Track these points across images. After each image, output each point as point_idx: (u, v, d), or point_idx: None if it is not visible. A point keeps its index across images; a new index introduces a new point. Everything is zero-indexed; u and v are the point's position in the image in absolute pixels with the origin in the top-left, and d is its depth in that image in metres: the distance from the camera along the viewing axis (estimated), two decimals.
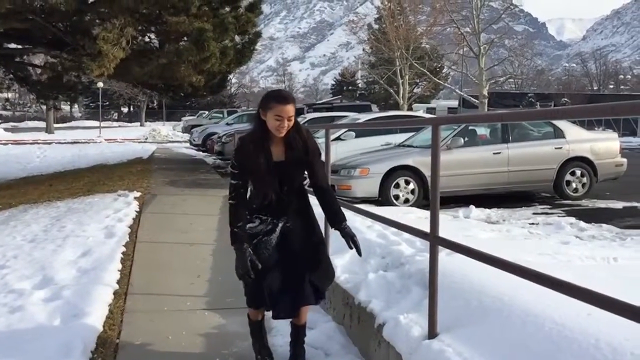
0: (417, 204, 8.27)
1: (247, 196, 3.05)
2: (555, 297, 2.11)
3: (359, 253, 3.07)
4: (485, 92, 29.86)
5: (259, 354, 3.28)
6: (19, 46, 13.76)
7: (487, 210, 8.00)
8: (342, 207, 3.24)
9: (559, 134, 9.16)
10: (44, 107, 40.32)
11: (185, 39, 11.20)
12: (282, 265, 3.01)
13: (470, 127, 9.13)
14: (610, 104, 1.57)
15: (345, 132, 10.69)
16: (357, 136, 10.73)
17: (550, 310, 2.53)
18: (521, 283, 2.26)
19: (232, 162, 3.01)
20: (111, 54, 9.30)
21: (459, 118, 3.83)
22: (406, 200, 8.50)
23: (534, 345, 2.36)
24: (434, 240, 2.77)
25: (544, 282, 2.08)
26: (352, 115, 13.55)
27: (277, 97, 2.90)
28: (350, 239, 3.06)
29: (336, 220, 3.11)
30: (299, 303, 3.06)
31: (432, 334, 2.74)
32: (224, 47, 11.24)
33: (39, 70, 17.70)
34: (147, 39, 12.47)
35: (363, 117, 11.79)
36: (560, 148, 9.01)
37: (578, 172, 9.05)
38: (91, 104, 64.76)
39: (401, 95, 35.02)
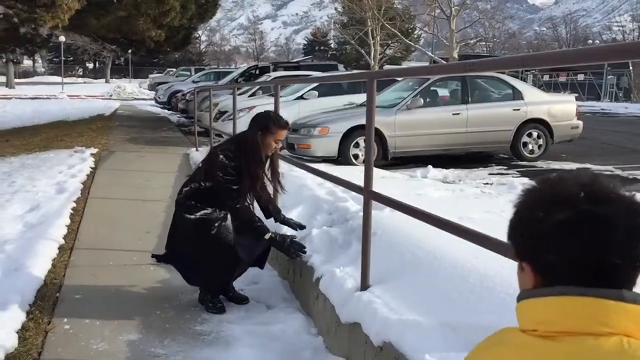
0: (376, 164, 8.28)
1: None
2: (484, 250, 2.14)
3: (303, 227, 3.79)
4: (455, 55, 29.81)
5: (211, 302, 3.52)
6: None
7: (445, 171, 8.08)
8: (290, 165, 3.99)
9: (517, 95, 9.22)
10: (4, 61, 38.83)
11: None
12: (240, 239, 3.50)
13: (431, 88, 9.13)
14: (520, 56, 1.58)
15: (308, 91, 10.60)
16: (320, 95, 10.64)
17: (477, 262, 2.59)
18: (454, 237, 2.30)
19: (229, 171, 3.34)
20: (65, 4, 8.96)
21: (392, 72, 3.86)
22: None
23: (457, 297, 2.43)
24: (368, 194, 2.79)
25: (461, 233, 2.13)
26: (317, 74, 13.40)
27: (282, 125, 3.43)
28: (297, 225, 3.78)
29: (280, 215, 3.81)
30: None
31: (364, 286, 2.79)
32: (185, 0, 10.92)
33: None
34: None
35: None
36: (519, 110, 9.08)
37: (535, 134, 9.15)
38: (54, 59, 62.51)
39: (372, 56, 34.75)
